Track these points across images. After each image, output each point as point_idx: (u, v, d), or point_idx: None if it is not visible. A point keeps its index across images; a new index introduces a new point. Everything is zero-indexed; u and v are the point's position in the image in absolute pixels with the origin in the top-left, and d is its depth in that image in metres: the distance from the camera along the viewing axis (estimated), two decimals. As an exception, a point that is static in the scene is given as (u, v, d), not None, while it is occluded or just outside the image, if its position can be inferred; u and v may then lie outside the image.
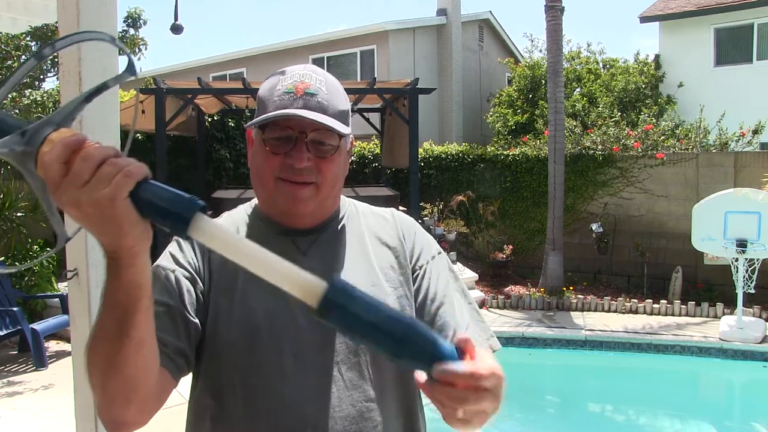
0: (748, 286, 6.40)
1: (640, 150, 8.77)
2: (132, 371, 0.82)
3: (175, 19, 10.72)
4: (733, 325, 6.30)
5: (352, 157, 11.05)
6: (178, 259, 1.06)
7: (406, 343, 0.68)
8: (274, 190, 1.05)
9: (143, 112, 8.16)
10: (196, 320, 1.02)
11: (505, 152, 9.78)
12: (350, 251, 1.12)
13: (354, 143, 1.10)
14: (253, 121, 1.05)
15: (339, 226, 1.14)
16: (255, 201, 1.16)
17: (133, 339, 0.79)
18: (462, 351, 0.72)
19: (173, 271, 1.03)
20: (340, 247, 1.12)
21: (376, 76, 12.58)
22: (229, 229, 0.82)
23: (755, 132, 9.09)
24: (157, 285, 0.99)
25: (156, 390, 0.90)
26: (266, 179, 1.05)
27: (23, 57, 9.57)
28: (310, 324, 1.02)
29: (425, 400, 1.01)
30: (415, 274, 1.15)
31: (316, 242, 1.10)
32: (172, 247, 1.08)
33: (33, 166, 0.70)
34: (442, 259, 1.20)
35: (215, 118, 10.63)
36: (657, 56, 13.82)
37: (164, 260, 1.06)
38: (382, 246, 1.15)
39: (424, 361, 0.69)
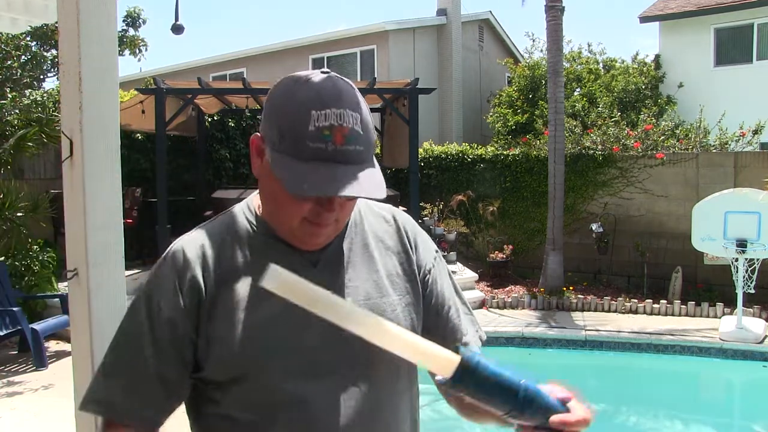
0: (748, 286, 6.40)
1: (640, 150, 8.77)
2: None
3: (176, 19, 10.72)
4: (733, 325, 6.30)
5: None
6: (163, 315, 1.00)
7: (527, 403, 0.84)
8: (297, 228, 1.01)
9: (143, 112, 8.16)
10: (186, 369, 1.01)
11: (505, 152, 9.78)
12: (357, 260, 1.10)
13: None
14: (285, 182, 0.92)
15: (345, 234, 1.11)
16: (252, 205, 1.10)
17: None
18: (564, 402, 0.90)
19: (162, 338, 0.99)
20: (348, 256, 1.09)
21: (376, 76, 12.58)
22: (370, 314, 0.86)
23: (755, 132, 9.09)
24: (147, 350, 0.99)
25: None
26: (289, 218, 1.00)
27: (23, 57, 9.57)
28: (324, 343, 1.00)
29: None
30: (426, 278, 1.15)
31: (325, 253, 1.07)
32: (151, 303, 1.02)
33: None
34: (440, 257, 1.21)
35: (215, 118, 10.63)
36: (657, 56, 13.82)
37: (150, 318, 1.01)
38: (387, 251, 1.14)
39: (541, 415, 0.85)
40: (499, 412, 0.84)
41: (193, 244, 1.05)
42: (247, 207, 1.10)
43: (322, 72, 0.98)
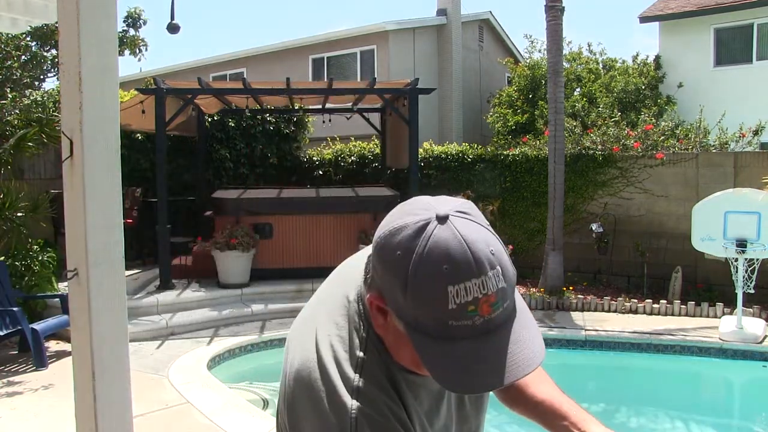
0: (748, 286, 6.40)
1: (640, 150, 8.77)
2: None
3: (172, 18, 10.73)
4: (732, 325, 6.30)
5: (353, 157, 11.08)
6: None
7: None
8: None
9: (143, 112, 8.16)
10: None
11: (505, 152, 9.79)
12: None
13: None
14: (435, 376, 0.81)
15: None
16: (370, 334, 0.93)
17: None
18: None
19: None
20: None
21: (376, 76, 12.59)
22: None
23: (755, 133, 9.09)
24: None
25: None
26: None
27: (23, 57, 9.57)
28: None
29: None
30: None
31: None
32: None
33: None
34: None
35: (215, 118, 10.64)
36: (657, 57, 13.83)
37: None
38: None
39: None
40: None
41: (378, 408, 0.89)
42: (377, 361, 0.92)
43: (439, 220, 0.81)
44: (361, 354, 0.91)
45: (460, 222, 0.80)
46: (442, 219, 0.80)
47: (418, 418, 0.95)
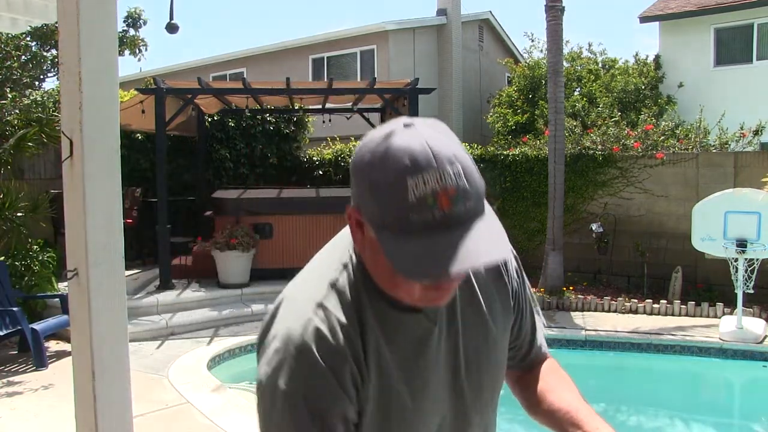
0: (747, 286, 6.40)
1: (640, 150, 8.77)
2: None
3: (171, 18, 10.73)
4: (733, 325, 6.30)
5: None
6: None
7: None
8: (417, 298, 0.92)
9: (143, 112, 8.16)
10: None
11: (505, 152, 9.79)
12: (463, 302, 1.05)
13: None
14: (396, 267, 0.84)
15: None
16: (354, 265, 0.98)
17: None
18: None
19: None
20: (458, 303, 1.05)
21: (376, 76, 12.59)
22: None
23: (755, 133, 9.09)
24: None
25: None
26: (408, 293, 0.91)
27: (23, 57, 9.57)
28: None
29: None
30: (514, 293, 1.14)
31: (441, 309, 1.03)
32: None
33: None
34: (519, 264, 1.20)
35: (215, 118, 10.64)
36: (657, 57, 13.83)
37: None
38: (486, 283, 1.09)
39: None
40: None
41: (329, 326, 0.93)
42: (348, 273, 0.98)
43: (405, 126, 0.86)
44: (338, 276, 0.97)
45: (426, 129, 0.85)
46: (408, 125, 0.86)
47: (377, 358, 0.95)
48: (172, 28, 10.73)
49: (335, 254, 1.01)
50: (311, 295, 0.95)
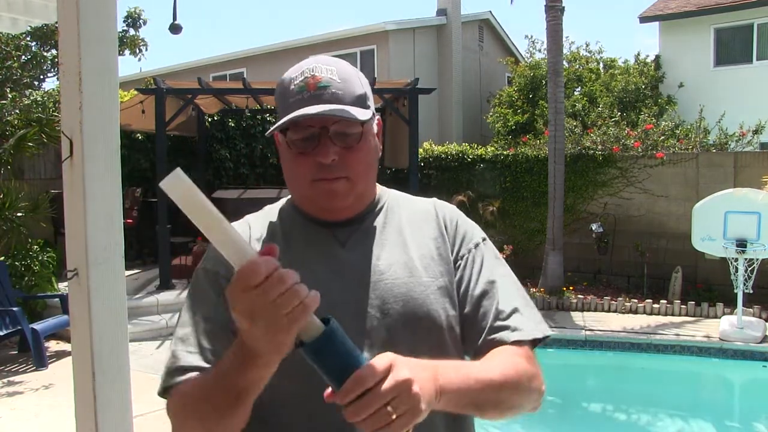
0: (747, 286, 6.40)
1: (640, 150, 8.77)
2: (231, 429, 0.98)
3: (174, 18, 10.73)
4: (732, 325, 6.30)
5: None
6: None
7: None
8: (310, 190, 1.07)
9: (143, 112, 8.16)
10: None
11: (505, 152, 9.79)
12: (389, 241, 1.13)
13: (380, 122, 1.16)
14: (273, 127, 1.07)
15: (377, 218, 1.16)
16: (288, 200, 1.21)
17: (239, 411, 0.94)
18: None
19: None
20: (378, 238, 1.13)
21: (376, 76, 12.57)
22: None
23: (755, 132, 9.09)
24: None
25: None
26: (300, 182, 1.08)
27: (23, 57, 9.58)
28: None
29: None
30: (457, 264, 1.14)
31: (356, 233, 1.12)
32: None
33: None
34: (486, 246, 1.18)
35: (215, 118, 10.63)
36: (657, 56, 13.82)
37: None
38: (422, 237, 1.15)
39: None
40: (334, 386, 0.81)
41: (253, 221, 1.19)
42: (285, 200, 1.23)
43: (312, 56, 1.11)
44: (273, 205, 1.24)
45: (324, 56, 1.11)
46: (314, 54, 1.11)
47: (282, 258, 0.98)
48: (175, 28, 10.73)
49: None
50: (247, 216, 1.22)
